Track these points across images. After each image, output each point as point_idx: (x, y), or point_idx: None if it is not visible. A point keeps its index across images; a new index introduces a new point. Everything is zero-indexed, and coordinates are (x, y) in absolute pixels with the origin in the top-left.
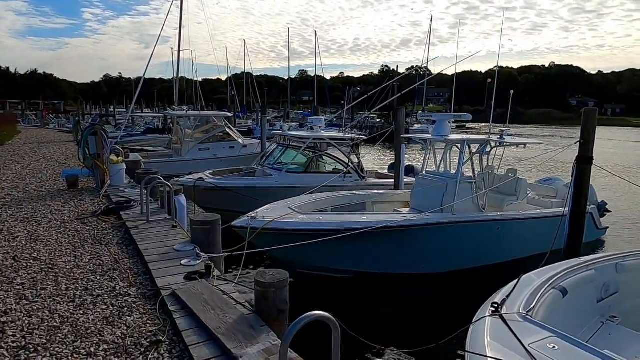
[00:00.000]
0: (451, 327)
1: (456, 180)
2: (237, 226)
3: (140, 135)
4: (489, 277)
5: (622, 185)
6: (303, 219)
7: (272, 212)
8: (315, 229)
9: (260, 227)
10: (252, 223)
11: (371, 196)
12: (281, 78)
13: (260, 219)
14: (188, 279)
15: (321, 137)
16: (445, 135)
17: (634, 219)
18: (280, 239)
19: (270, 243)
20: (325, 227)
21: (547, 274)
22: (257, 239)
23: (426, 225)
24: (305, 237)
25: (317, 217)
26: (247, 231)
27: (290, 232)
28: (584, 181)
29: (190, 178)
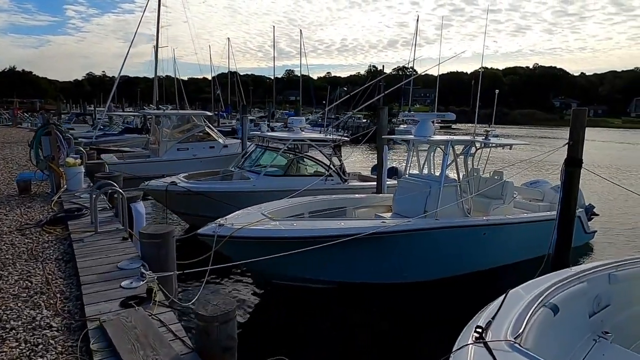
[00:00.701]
0: (435, 339)
1: (440, 184)
2: (203, 234)
3: (117, 135)
4: (475, 284)
5: (609, 187)
6: (275, 226)
7: (242, 218)
8: (287, 237)
9: (227, 236)
10: (219, 231)
11: (351, 200)
12: (268, 77)
13: (228, 226)
14: (124, 305)
15: (301, 138)
16: (428, 136)
17: (622, 221)
18: (250, 248)
19: (240, 252)
20: (298, 234)
21: (536, 289)
22: (226, 248)
23: (407, 231)
24: (277, 245)
25: (290, 223)
26: (214, 240)
27: (261, 241)
28: (573, 185)
29: (162, 182)
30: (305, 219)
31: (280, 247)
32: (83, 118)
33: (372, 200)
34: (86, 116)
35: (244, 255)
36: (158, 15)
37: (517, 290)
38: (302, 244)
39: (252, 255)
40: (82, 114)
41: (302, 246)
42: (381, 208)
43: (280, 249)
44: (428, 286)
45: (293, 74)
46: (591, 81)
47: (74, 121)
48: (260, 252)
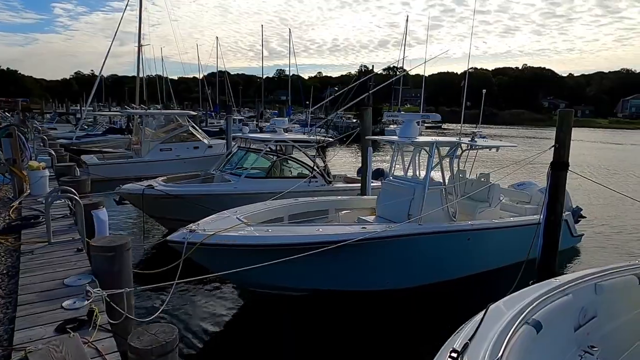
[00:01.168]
0: (418, 349)
1: (424, 186)
2: (173, 241)
3: (100, 135)
4: (460, 291)
5: (597, 188)
6: (249, 232)
7: (216, 223)
8: (260, 245)
9: (197, 243)
10: (190, 237)
11: (334, 203)
12: (259, 77)
13: (200, 232)
14: (59, 330)
15: (283, 139)
16: (412, 137)
17: (610, 224)
18: (222, 255)
19: (212, 260)
20: (272, 242)
21: (519, 304)
22: (197, 255)
23: (388, 238)
24: (250, 253)
25: (265, 229)
26: (184, 247)
27: (233, 248)
28: (559, 188)
29: (139, 185)
30: (282, 225)
31: (254, 254)
32: (66, 118)
33: (355, 203)
34: (69, 116)
35: (216, 263)
36: (140, 13)
37: (497, 305)
38: (276, 252)
39: (225, 262)
40: (66, 113)
41: (276, 254)
42: (365, 211)
43: (254, 257)
44: (410, 293)
45: (284, 74)
46: (579, 82)
47: (56, 121)
48: (233, 259)
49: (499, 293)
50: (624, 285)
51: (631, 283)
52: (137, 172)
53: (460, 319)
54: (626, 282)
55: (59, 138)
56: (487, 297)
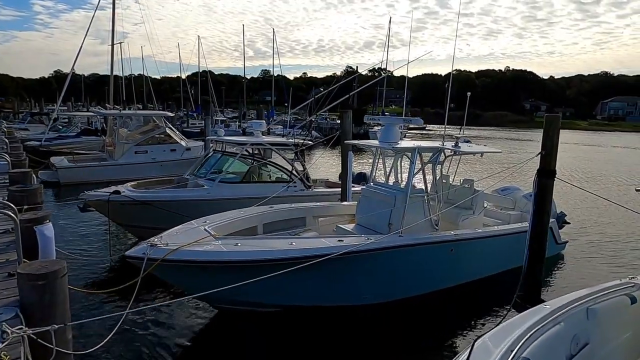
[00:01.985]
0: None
1: (406, 194)
2: (132, 256)
3: (73, 136)
4: (441, 303)
5: (580, 193)
6: (216, 246)
7: (181, 236)
8: (226, 262)
9: (158, 259)
10: (150, 252)
11: (312, 210)
12: (244, 77)
13: (162, 247)
14: None
15: (259, 142)
16: (393, 143)
17: (593, 229)
18: (186, 272)
19: (175, 277)
20: (240, 258)
21: (507, 339)
22: (159, 271)
23: (367, 252)
24: (217, 270)
25: (233, 243)
26: (143, 263)
27: (197, 265)
28: (546, 196)
29: (104, 191)
30: (252, 238)
31: (221, 271)
32: (39, 118)
33: (334, 209)
34: (43, 116)
35: (180, 279)
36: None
37: (484, 341)
38: (245, 268)
39: (190, 279)
40: (39, 113)
41: (245, 270)
42: (345, 217)
43: (221, 274)
44: (390, 308)
45: (269, 74)
46: (559, 84)
47: (28, 121)
48: (198, 276)
49: (482, 304)
50: (616, 307)
51: (623, 303)
52: (110, 175)
53: (442, 332)
54: (618, 302)
55: (29, 140)
56: (469, 309)
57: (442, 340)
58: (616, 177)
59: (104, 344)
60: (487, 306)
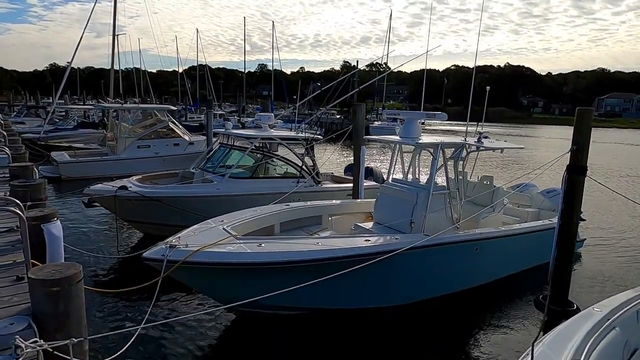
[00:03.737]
0: None
1: (428, 191)
2: (150, 258)
3: (71, 130)
4: (466, 304)
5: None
6: (239, 247)
7: (200, 236)
8: (252, 263)
9: (179, 261)
10: (170, 254)
11: (327, 208)
12: (240, 71)
13: (181, 248)
14: None
15: (270, 136)
16: (415, 138)
17: (609, 226)
18: (208, 274)
19: (196, 279)
20: (266, 260)
21: (568, 349)
22: (178, 274)
23: (395, 251)
24: (241, 272)
25: (256, 244)
26: (163, 265)
27: (220, 267)
28: (576, 194)
29: (111, 186)
30: (275, 238)
31: (245, 273)
32: (35, 111)
33: (349, 207)
34: (39, 109)
35: (202, 282)
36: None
37: (544, 350)
38: (272, 270)
39: (211, 282)
40: (35, 106)
41: (270, 272)
42: (359, 216)
43: (245, 276)
44: (415, 309)
45: (266, 69)
46: (556, 80)
47: (24, 114)
48: (220, 278)
49: (503, 304)
50: None
51: None
52: (112, 170)
53: (467, 334)
54: None
55: (26, 133)
56: (492, 309)
57: (469, 342)
58: (627, 173)
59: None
60: (510, 306)
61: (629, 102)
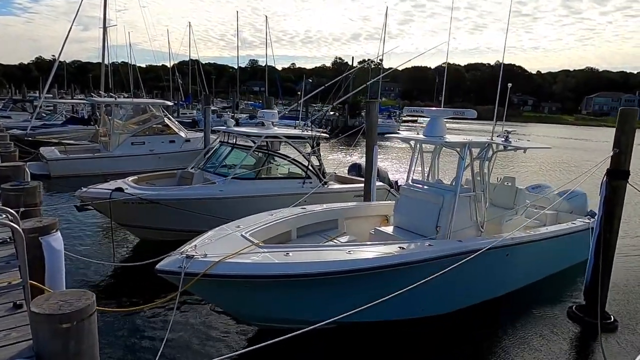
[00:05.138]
0: None
1: (455, 193)
2: (165, 271)
3: (60, 125)
4: (499, 312)
5: None
6: (264, 257)
7: (217, 244)
8: (284, 275)
9: (199, 274)
10: (188, 266)
11: (344, 211)
12: (231, 67)
13: (200, 259)
14: None
15: (275, 134)
16: (441, 137)
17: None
18: (231, 288)
19: (216, 293)
20: (301, 271)
21: None
22: (196, 287)
23: (436, 259)
24: (269, 285)
25: (283, 253)
26: (180, 279)
27: (249, 280)
28: (617, 200)
29: (105, 188)
30: (300, 246)
31: (273, 286)
32: (22, 105)
33: (364, 210)
34: (26, 103)
35: (223, 297)
36: None
37: None
38: (302, 282)
39: (233, 296)
40: (22, 100)
41: (301, 284)
42: (374, 219)
43: (271, 289)
44: (448, 319)
45: (257, 64)
46: (546, 79)
47: (10, 108)
48: (245, 292)
49: (531, 313)
50: None
51: None
52: (105, 168)
53: (497, 346)
54: None
55: (13, 128)
56: (521, 318)
57: (500, 355)
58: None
59: None
60: (538, 316)
61: (617, 101)
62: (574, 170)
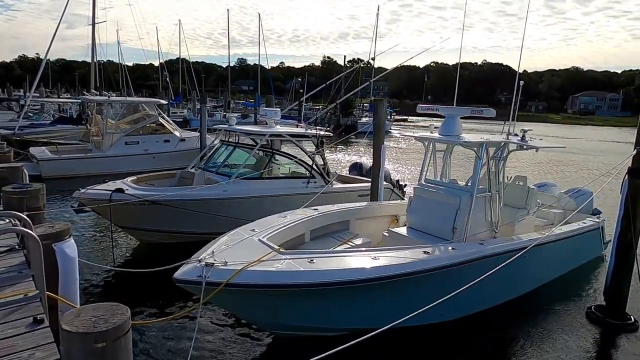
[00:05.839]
0: None
1: (472, 194)
2: (184, 280)
3: (49, 125)
4: (517, 313)
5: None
6: (289, 265)
7: (236, 250)
8: (315, 284)
9: (222, 283)
10: (209, 274)
11: (355, 212)
12: (219, 66)
13: (221, 267)
14: None
15: (280, 133)
16: (458, 137)
17: None
18: (259, 296)
19: (239, 302)
20: (331, 279)
21: None
22: (219, 297)
23: (464, 263)
24: (296, 293)
25: (307, 259)
26: (202, 288)
27: (276, 289)
28: (639, 199)
29: (104, 189)
30: (322, 252)
31: (300, 294)
32: (8, 104)
33: (375, 211)
34: (12, 102)
35: (247, 307)
36: None
37: None
38: (331, 290)
39: (256, 306)
40: (7, 99)
41: (328, 292)
42: (384, 219)
43: (296, 297)
44: (468, 323)
45: (246, 63)
46: (532, 78)
47: None
48: (266, 300)
49: (547, 314)
50: None
51: None
52: (98, 168)
53: (517, 348)
54: None
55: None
56: (541, 320)
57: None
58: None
59: None
60: (556, 316)
61: (602, 100)
62: (573, 170)
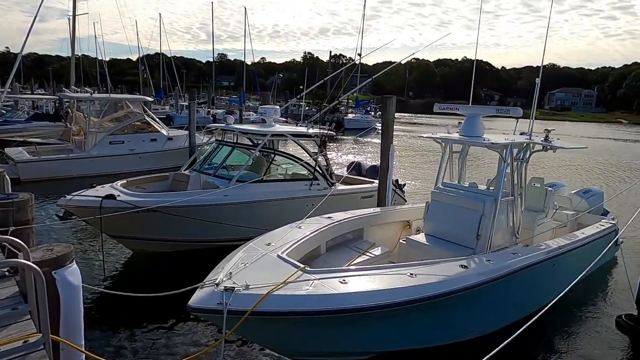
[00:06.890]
0: None
1: (496, 199)
2: (202, 309)
3: (24, 122)
4: (539, 325)
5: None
6: (319, 287)
7: (255, 269)
8: (354, 309)
9: (248, 311)
10: (231, 301)
11: (369, 219)
12: (199, 61)
13: (242, 291)
14: None
15: (281, 132)
16: (481, 137)
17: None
18: (291, 324)
19: (264, 330)
20: (374, 302)
21: None
22: (243, 327)
23: (505, 276)
24: (329, 319)
25: (337, 280)
26: (223, 317)
27: (310, 315)
28: None
29: (93, 195)
30: (353, 270)
31: (332, 320)
32: None
33: (387, 216)
34: None
35: (269, 333)
36: None
37: None
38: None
39: (282, 332)
40: None
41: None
42: (397, 225)
43: (329, 322)
44: (498, 338)
45: (226, 58)
46: (511, 75)
47: None
48: (295, 327)
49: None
50: None
51: None
52: (81, 170)
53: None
54: None
55: None
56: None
57: None
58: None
59: None
60: (585, 326)
61: (577, 96)
62: (570, 170)
